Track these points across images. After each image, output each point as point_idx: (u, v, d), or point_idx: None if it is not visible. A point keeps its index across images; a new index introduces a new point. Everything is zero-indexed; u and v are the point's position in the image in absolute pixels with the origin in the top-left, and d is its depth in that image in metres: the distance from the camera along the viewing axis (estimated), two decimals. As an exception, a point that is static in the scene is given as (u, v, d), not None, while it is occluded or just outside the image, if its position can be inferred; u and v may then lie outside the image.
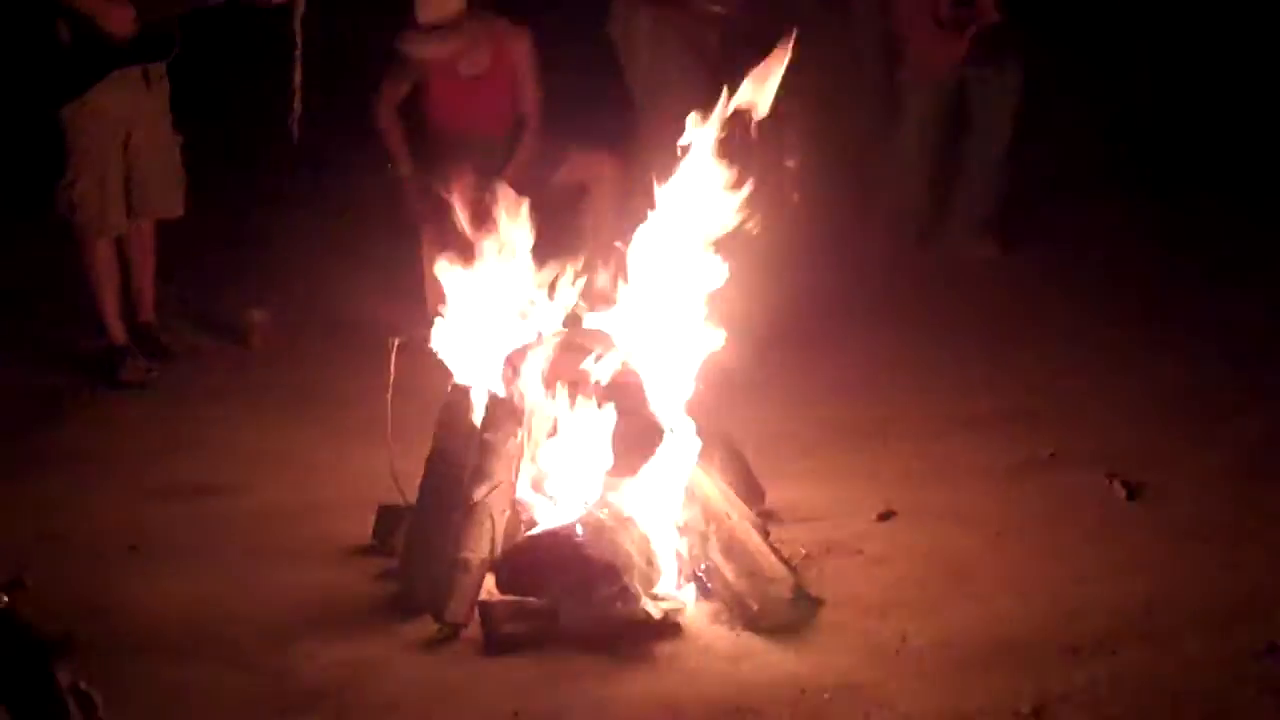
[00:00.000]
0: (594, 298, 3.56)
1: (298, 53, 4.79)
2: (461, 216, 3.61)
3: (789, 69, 3.41)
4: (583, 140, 5.53)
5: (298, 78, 4.83)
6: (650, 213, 3.51)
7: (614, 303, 3.54)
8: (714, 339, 3.52)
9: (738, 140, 3.43)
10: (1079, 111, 6.84)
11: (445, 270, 3.61)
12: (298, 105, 4.88)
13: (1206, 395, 4.70)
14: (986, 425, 4.48)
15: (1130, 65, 6.84)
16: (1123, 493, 3.95)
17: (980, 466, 4.17)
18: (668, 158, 3.48)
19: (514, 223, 3.57)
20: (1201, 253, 6.10)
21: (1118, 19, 6.68)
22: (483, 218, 5.03)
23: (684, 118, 4.00)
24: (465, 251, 3.84)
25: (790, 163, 5.84)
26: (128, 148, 4.95)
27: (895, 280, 5.88)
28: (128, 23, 4.66)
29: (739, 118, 3.41)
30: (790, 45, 3.36)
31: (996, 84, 6.06)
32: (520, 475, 3.37)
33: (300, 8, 4.76)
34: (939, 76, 6.05)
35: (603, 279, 3.56)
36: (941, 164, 6.26)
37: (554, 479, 3.39)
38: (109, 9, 4.66)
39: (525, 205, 3.59)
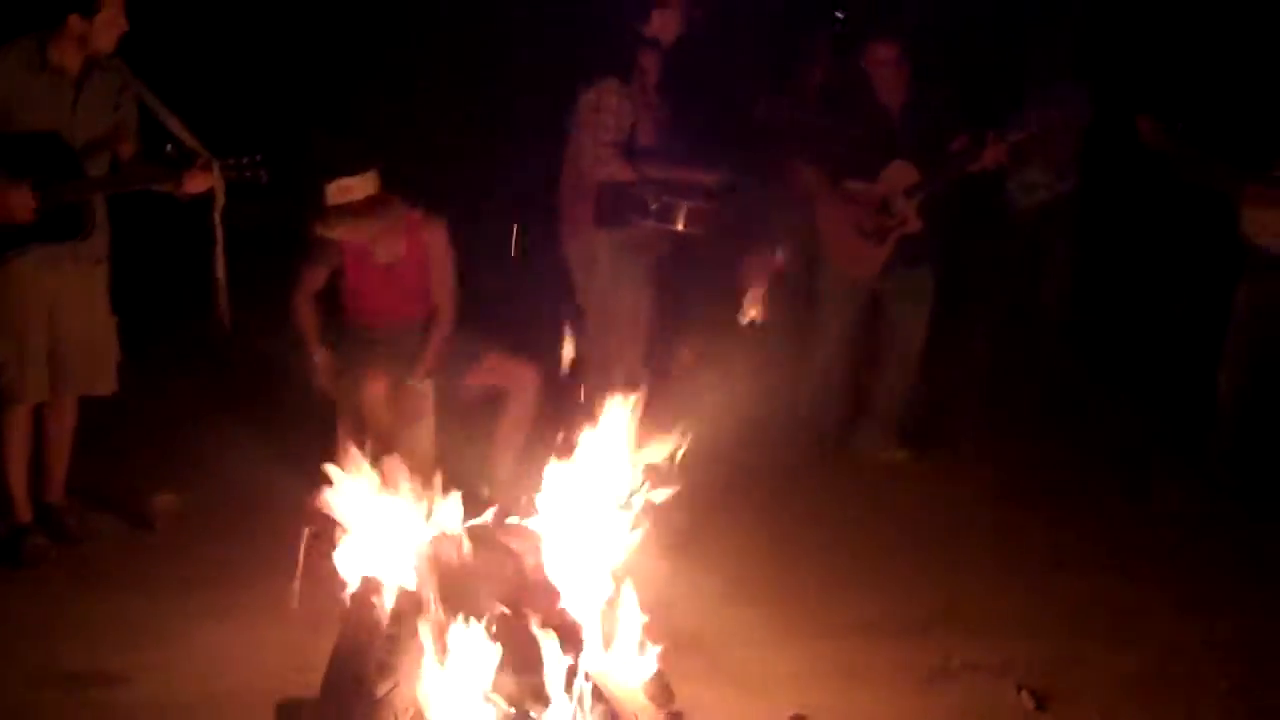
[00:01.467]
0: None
1: (219, 247, 4.80)
2: (375, 407, 3.60)
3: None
4: (506, 344, 5.59)
5: (220, 269, 4.83)
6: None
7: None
8: (630, 539, 3.53)
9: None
10: (988, 315, 7.07)
11: (356, 464, 3.58)
12: (224, 299, 4.87)
13: (1115, 601, 4.76)
14: (898, 631, 4.49)
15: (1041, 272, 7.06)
16: (1031, 703, 3.97)
17: (891, 673, 4.17)
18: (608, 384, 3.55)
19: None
20: (1114, 454, 6.26)
21: (1026, 226, 6.93)
22: (396, 409, 5.07)
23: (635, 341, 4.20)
24: (378, 441, 3.85)
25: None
26: (55, 322, 4.88)
27: (808, 483, 5.92)
28: (26, 210, 4.61)
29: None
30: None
31: (910, 290, 6.18)
32: (426, 671, 3.31)
33: (220, 200, 4.78)
34: (859, 284, 6.16)
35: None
36: (856, 369, 6.36)
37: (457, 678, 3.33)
38: (6, 193, 4.63)
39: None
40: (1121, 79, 6.75)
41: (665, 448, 3.68)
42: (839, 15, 6.03)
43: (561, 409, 5.53)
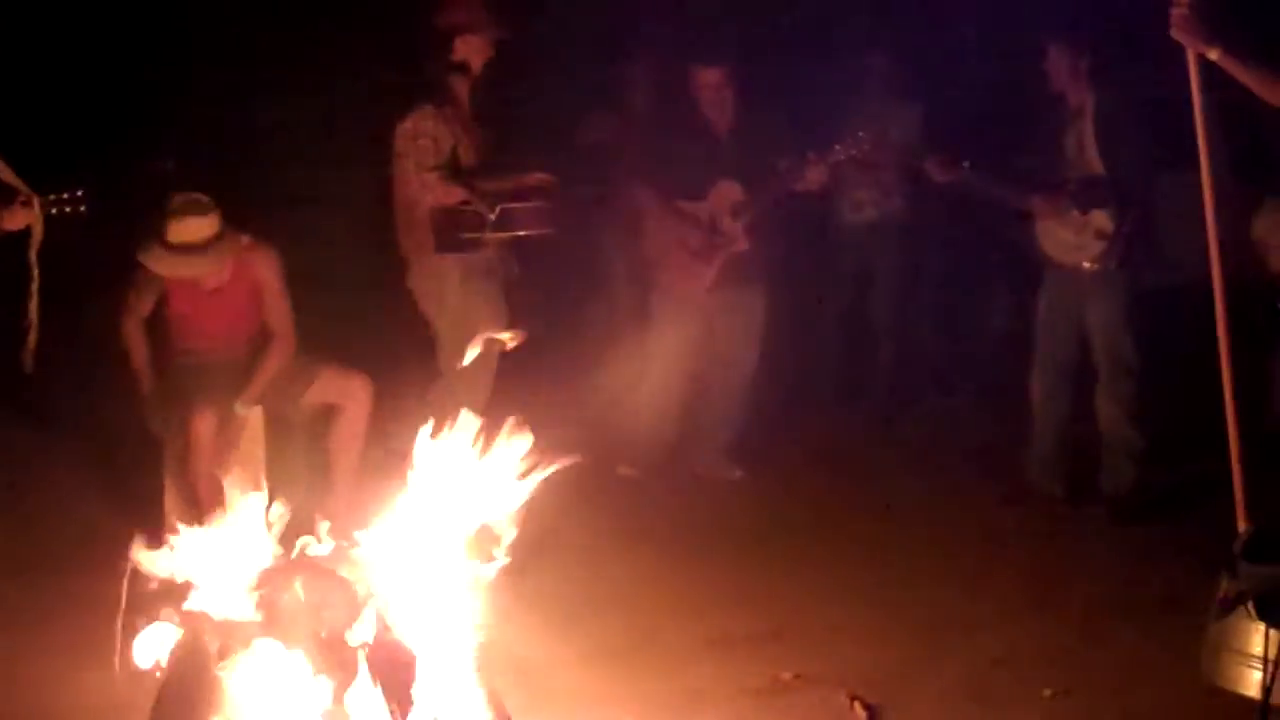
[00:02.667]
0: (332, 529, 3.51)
1: (34, 285, 4.65)
2: (202, 439, 3.52)
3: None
4: (340, 359, 5.51)
5: (33, 309, 4.68)
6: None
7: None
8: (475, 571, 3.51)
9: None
10: (819, 332, 7.21)
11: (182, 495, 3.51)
12: (32, 338, 4.71)
13: (948, 613, 4.85)
14: (733, 646, 4.54)
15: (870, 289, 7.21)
16: (863, 714, 4.04)
17: (726, 689, 4.21)
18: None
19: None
20: (948, 466, 6.42)
21: (855, 243, 7.07)
22: (222, 442, 4.96)
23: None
24: (206, 473, 3.77)
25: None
26: None
27: (644, 502, 5.96)
28: None
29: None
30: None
31: (741, 308, 6.25)
32: (255, 707, 3.24)
33: (38, 236, 4.64)
34: (689, 303, 6.21)
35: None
36: (691, 387, 6.41)
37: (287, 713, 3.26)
38: None
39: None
40: (950, 99, 6.95)
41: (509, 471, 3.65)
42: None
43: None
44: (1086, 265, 5.74)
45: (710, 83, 6.08)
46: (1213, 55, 4.06)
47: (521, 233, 5.52)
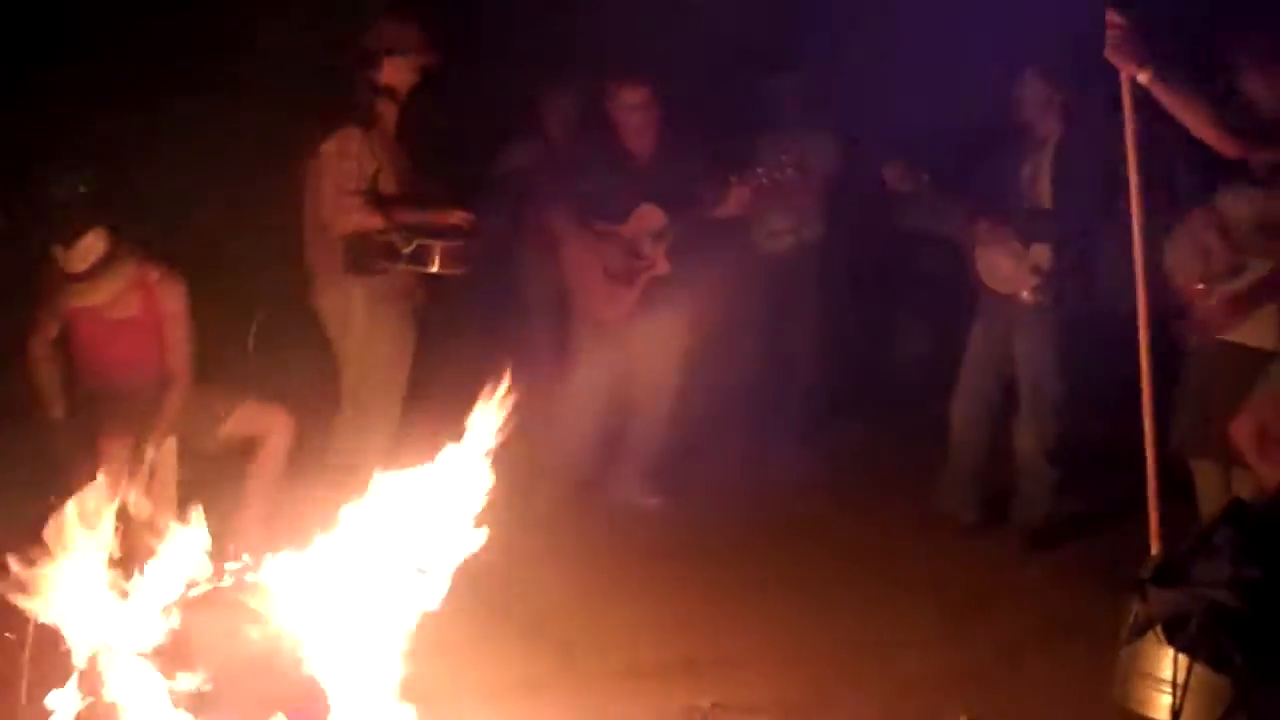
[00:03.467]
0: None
1: None
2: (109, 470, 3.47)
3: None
4: (260, 391, 5.45)
5: None
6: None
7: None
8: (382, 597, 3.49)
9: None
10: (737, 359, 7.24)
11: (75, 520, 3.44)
12: None
13: (864, 638, 4.89)
14: (651, 675, 4.53)
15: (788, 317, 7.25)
16: (777, 739, 4.06)
17: (644, 718, 4.20)
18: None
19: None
20: (865, 492, 6.48)
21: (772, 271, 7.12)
22: (131, 471, 4.86)
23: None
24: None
25: None
26: None
27: (561, 530, 5.93)
28: None
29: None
30: None
31: (662, 335, 6.24)
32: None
33: None
34: (609, 329, 6.20)
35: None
36: (612, 414, 6.40)
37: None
38: None
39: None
40: (869, 128, 7.01)
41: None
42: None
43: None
44: (1021, 297, 5.79)
45: (632, 103, 6.08)
46: (1143, 78, 4.12)
47: (434, 270, 5.48)
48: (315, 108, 5.70)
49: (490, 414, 3.81)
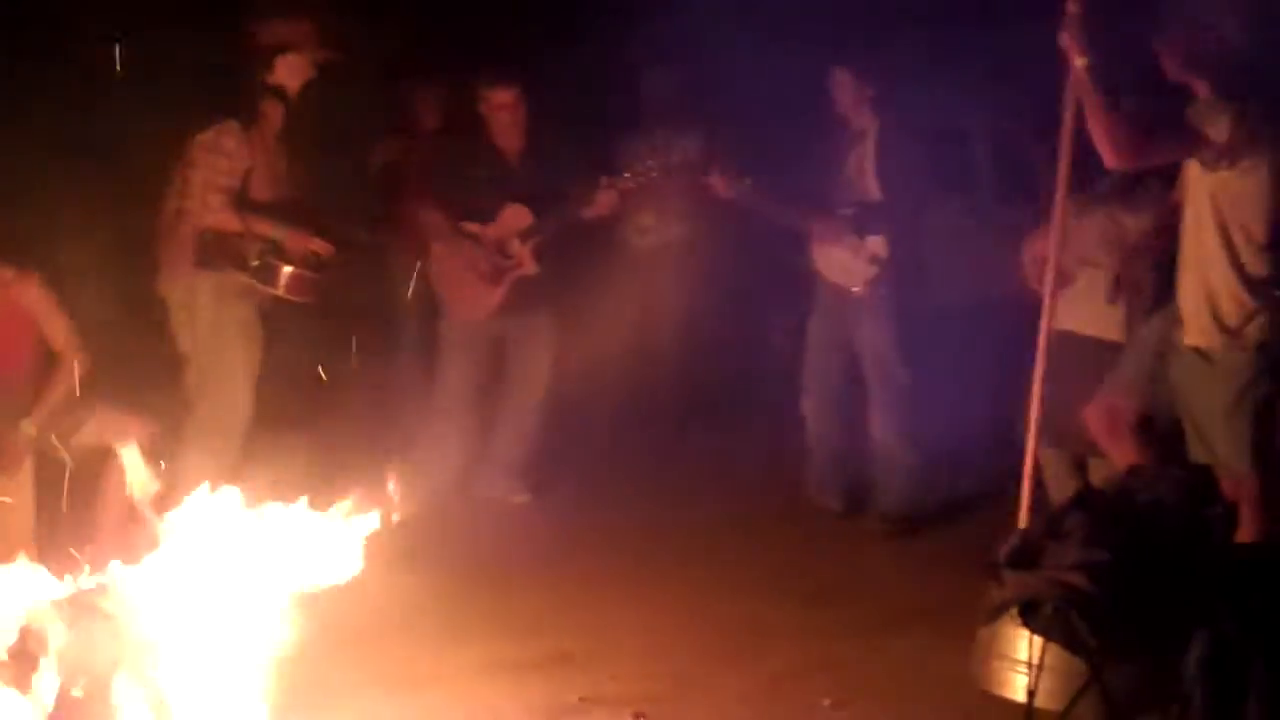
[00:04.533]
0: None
1: None
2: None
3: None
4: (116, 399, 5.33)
5: None
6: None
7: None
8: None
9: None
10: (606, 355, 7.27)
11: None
12: None
13: (733, 629, 4.95)
14: (521, 670, 4.54)
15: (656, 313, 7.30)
16: (643, 728, 4.10)
17: (512, 714, 4.22)
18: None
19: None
20: (732, 486, 6.55)
21: (641, 268, 7.16)
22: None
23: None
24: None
25: None
26: None
27: (431, 526, 5.89)
28: None
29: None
30: None
31: (531, 333, 6.26)
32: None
33: None
34: (478, 327, 6.19)
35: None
36: (480, 411, 6.39)
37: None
38: None
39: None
40: (735, 126, 7.08)
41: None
42: None
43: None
44: (858, 288, 5.92)
45: (502, 103, 6.08)
46: (1079, 63, 4.22)
47: (277, 291, 5.37)
48: (197, 104, 5.57)
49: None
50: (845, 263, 5.95)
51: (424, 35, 7.72)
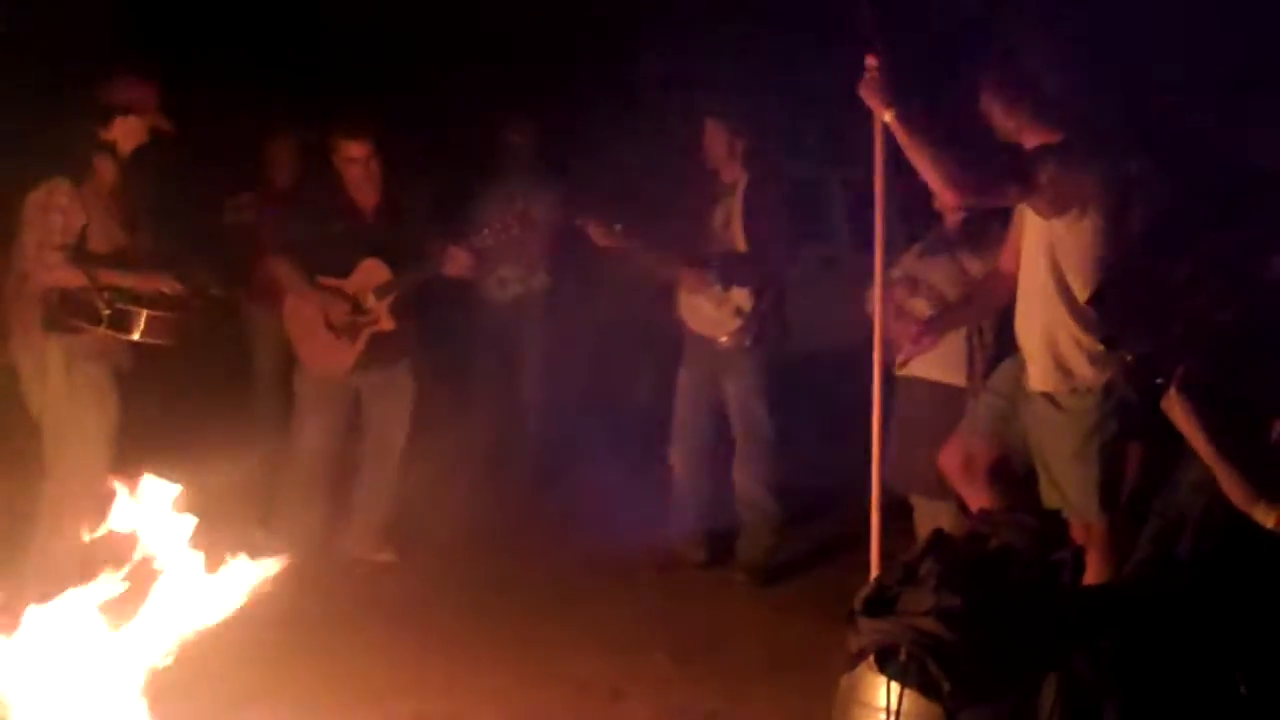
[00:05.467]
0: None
1: None
2: None
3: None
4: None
5: None
6: None
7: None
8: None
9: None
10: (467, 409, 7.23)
11: None
12: None
13: (596, 680, 4.93)
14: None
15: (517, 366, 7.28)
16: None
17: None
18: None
19: None
20: (592, 540, 6.46)
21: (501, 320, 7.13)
22: None
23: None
24: None
25: None
26: None
27: (292, 587, 5.77)
28: None
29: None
30: None
31: (389, 388, 6.18)
32: None
33: None
34: (333, 383, 6.10)
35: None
36: (338, 469, 6.30)
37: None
38: None
39: None
40: (589, 179, 7.11)
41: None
42: None
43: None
44: (724, 340, 5.95)
45: (356, 156, 6.01)
46: (887, 117, 4.26)
47: (135, 338, 5.26)
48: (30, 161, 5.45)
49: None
50: (710, 314, 5.99)
51: (278, 90, 7.65)
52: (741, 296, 5.92)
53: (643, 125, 7.66)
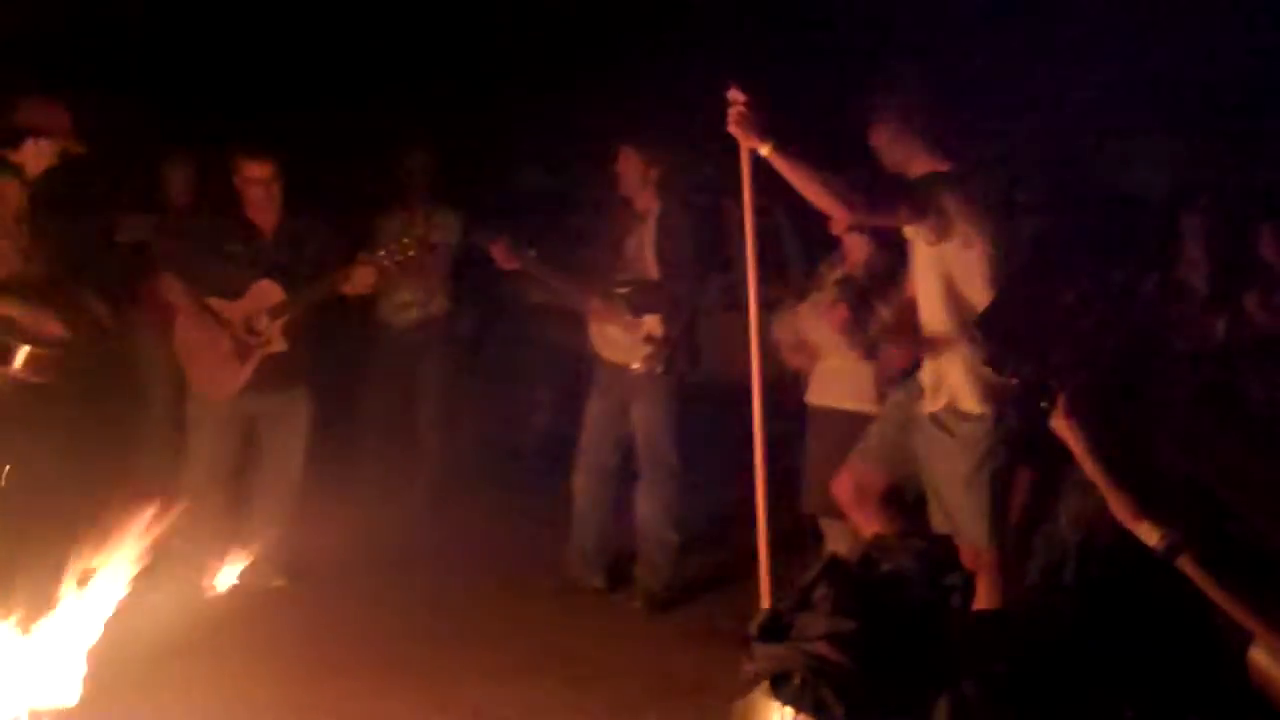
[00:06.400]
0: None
1: None
2: None
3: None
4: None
5: None
6: None
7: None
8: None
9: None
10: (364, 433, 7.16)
11: None
12: None
13: (494, 703, 4.92)
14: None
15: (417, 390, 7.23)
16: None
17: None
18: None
19: None
20: (490, 565, 6.47)
21: (400, 344, 7.08)
22: None
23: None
24: None
25: None
26: None
27: (179, 615, 5.68)
28: None
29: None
30: None
31: (283, 413, 6.10)
32: None
33: None
34: (224, 406, 6.01)
35: None
36: (232, 493, 6.19)
37: None
38: None
39: None
40: (490, 207, 7.10)
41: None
42: None
43: None
44: (634, 367, 5.95)
45: (257, 177, 5.94)
46: (764, 151, 4.27)
47: (13, 371, 5.13)
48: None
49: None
50: (622, 341, 5.99)
51: (177, 109, 7.56)
52: (653, 323, 5.93)
53: (558, 152, 7.66)
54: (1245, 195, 6.16)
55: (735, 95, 4.29)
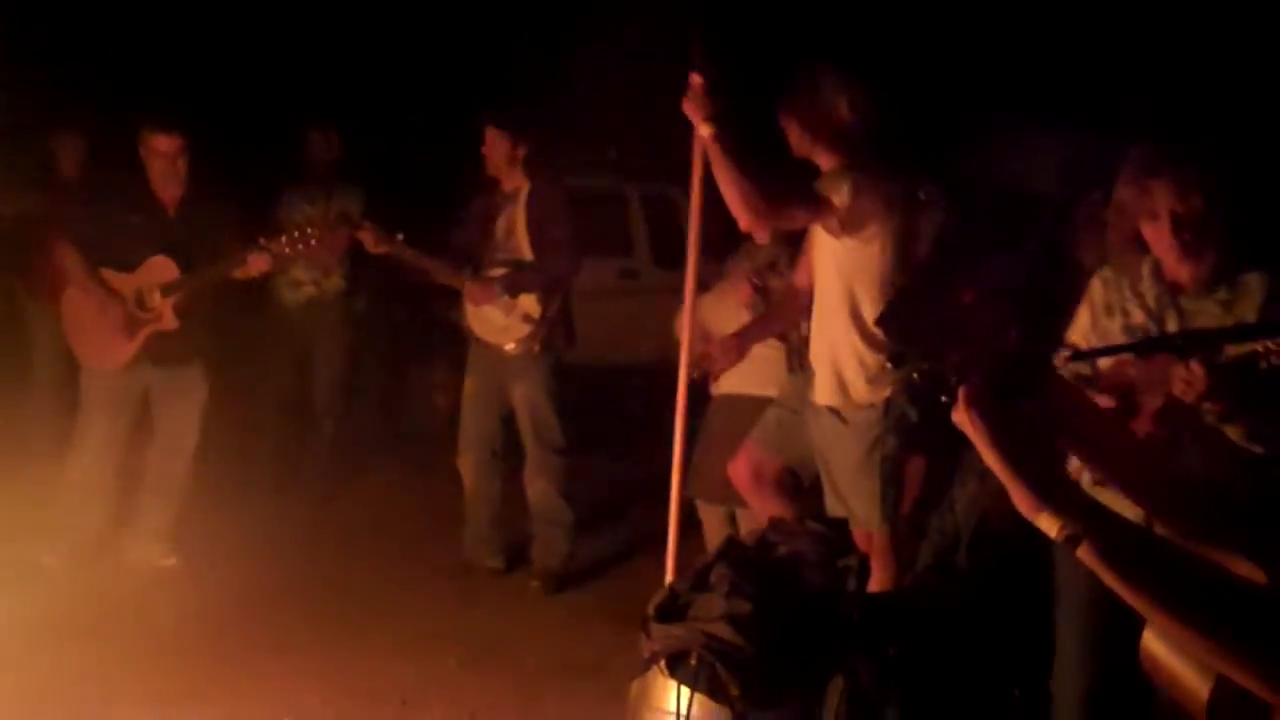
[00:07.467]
0: None
1: None
2: None
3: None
4: None
5: None
6: None
7: None
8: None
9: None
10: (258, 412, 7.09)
11: None
12: None
13: (391, 686, 4.90)
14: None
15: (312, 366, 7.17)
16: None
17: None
18: None
19: None
20: (386, 547, 6.44)
21: (295, 322, 7.02)
22: None
23: None
24: None
25: None
26: None
27: (71, 594, 5.60)
28: None
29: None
30: None
31: (178, 389, 6.01)
32: None
33: None
34: (114, 380, 5.89)
35: None
36: (122, 470, 6.10)
37: None
38: None
39: None
40: (390, 183, 7.06)
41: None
42: None
43: None
44: (510, 347, 5.96)
45: (164, 150, 5.82)
46: (704, 131, 4.31)
47: None
48: None
49: None
50: (499, 321, 5.98)
51: (75, 80, 7.42)
52: (529, 303, 5.94)
53: (445, 132, 7.64)
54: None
55: (695, 78, 4.33)
